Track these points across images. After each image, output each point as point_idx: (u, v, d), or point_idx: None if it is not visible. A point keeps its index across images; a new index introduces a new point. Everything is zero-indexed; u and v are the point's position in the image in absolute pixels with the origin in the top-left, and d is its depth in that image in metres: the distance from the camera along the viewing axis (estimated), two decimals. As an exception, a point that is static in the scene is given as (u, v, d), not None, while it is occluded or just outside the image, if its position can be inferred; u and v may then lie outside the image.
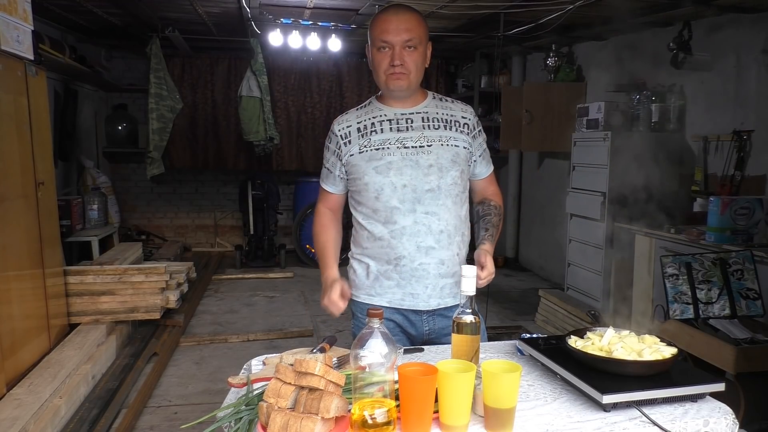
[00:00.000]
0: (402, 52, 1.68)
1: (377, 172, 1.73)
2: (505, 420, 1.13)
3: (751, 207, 3.15)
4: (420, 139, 1.74)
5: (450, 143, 1.76)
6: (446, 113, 1.80)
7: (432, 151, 1.73)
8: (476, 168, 1.86)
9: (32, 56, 3.25)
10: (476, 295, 1.34)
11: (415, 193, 1.71)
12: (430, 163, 1.72)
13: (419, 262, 1.72)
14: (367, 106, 1.83)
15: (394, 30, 1.68)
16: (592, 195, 4.30)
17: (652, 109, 4.16)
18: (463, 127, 1.79)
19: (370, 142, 1.75)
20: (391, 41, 1.68)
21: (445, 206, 1.74)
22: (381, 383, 1.12)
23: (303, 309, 5.05)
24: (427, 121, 1.77)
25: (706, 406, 1.28)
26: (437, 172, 1.72)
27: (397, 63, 1.68)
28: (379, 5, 4.36)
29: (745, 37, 3.67)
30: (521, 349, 1.59)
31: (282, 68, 6.82)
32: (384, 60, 1.70)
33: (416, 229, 1.72)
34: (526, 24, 4.55)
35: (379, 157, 1.74)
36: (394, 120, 1.77)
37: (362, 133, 1.78)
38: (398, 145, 1.73)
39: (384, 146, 1.74)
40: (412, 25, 1.69)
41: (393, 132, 1.75)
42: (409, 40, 1.68)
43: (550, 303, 4.65)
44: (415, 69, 1.71)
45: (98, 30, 5.68)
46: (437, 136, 1.75)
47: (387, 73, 1.70)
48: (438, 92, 1.94)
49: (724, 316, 2.72)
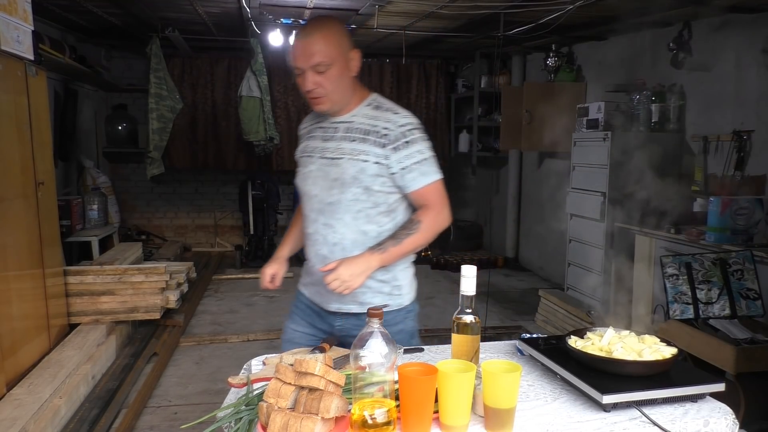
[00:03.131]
0: (314, 76, 1.65)
1: (301, 179, 1.81)
2: (505, 420, 1.13)
3: (751, 207, 3.14)
4: (335, 150, 1.72)
5: (359, 158, 1.68)
6: (370, 123, 1.72)
7: (340, 165, 1.70)
8: (400, 181, 1.71)
9: (32, 56, 3.25)
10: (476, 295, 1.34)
11: (321, 204, 1.74)
12: (335, 177, 1.70)
13: (318, 268, 1.73)
14: (312, 113, 1.86)
15: (300, 55, 1.65)
16: (592, 195, 4.30)
17: (652, 109, 4.16)
18: (381, 138, 1.69)
19: (304, 149, 1.82)
20: (301, 67, 1.66)
21: (342, 221, 1.71)
22: (381, 383, 1.12)
23: (303, 309, 5.04)
24: (349, 131, 1.73)
25: (706, 407, 1.28)
26: (339, 186, 1.69)
27: (308, 88, 1.67)
28: (379, 5, 4.36)
29: (745, 37, 3.67)
30: (521, 349, 1.59)
31: (282, 68, 6.82)
32: (301, 84, 1.69)
33: (315, 238, 1.77)
34: (526, 24, 4.55)
35: (304, 165, 1.80)
36: (324, 128, 1.78)
37: (305, 136, 1.85)
38: (319, 155, 1.75)
39: (310, 154, 1.79)
40: (319, 47, 1.64)
41: (320, 141, 1.77)
42: (318, 64, 1.64)
43: (550, 303, 4.65)
44: (334, 88, 1.68)
45: (98, 30, 5.68)
46: (350, 149, 1.70)
47: (307, 98, 1.71)
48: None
49: (724, 316, 2.72)
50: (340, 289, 1.60)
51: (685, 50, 3.98)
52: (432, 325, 4.60)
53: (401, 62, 6.83)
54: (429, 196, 1.73)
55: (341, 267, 1.60)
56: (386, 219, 1.74)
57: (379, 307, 1.17)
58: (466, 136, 7.03)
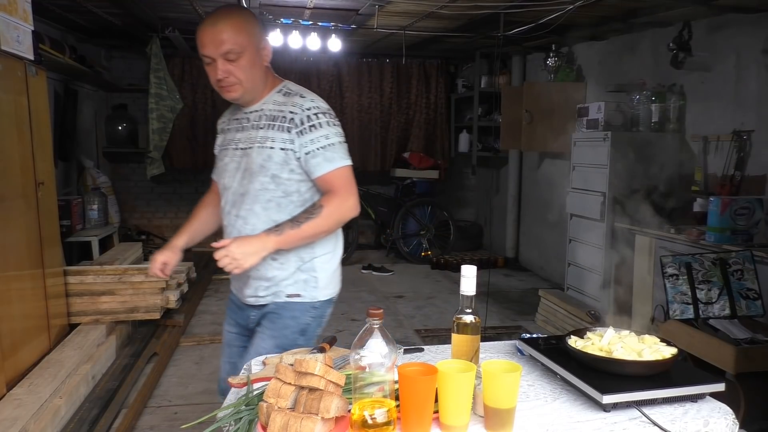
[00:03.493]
0: (224, 64, 1.63)
1: (217, 173, 1.81)
2: (505, 420, 1.13)
3: (751, 207, 3.14)
4: (246, 140, 1.72)
5: (266, 145, 1.68)
6: (277, 109, 1.71)
7: (249, 154, 1.69)
8: (305, 166, 1.69)
9: (32, 56, 3.25)
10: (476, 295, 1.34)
11: (234, 196, 1.74)
12: (245, 167, 1.70)
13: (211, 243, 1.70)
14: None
15: (210, 43, 1.62)
16: (592, 195, 4.30)
17: (652, 109, 4.16)
18: (289, 123, 1.67)
19: (222, 142, 1.83)
20: (211, 55, 1.63)
21: (252, 211, 1.71)
22: (381, 383, 1.12)
23: (303, 309, 5.04)
24: (258, 119, 1.72)
25: (706, 406, 1.28)
26: (248, 176, 1.70)
27: (220, 77, 1.64)
28: (379, 5, 4.36)
29: (745, 37, 3.67)
30: (521, 349, 1.59)
31: (282, 68, 6.81)
32: (211, 73, 1.66)
33: (230, 230, 1.76)
34: (526, 24, 4.55)
35: (221, 158, 1.80)
36: (238, 120, 1.78)
37: (223, 130, 1.86)
38: (234, 146, 1.75)
39: (226, 147, 1.79)
40: (228, 35, 1.61)
41: (235, 132, 1.77)
42: (228, 52, 1.61)
43: (550, 303, 4.65)
44: (246, 76, 1.66)
45: (98, 30, 5.68)
46: (259, 137, 1.69)
47: (218, 86, 1.68)
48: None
49: (724, 316, 2.72)
50: (229, 267, 1.57)
51: (685, 50, 3.98)
52: (432, 325, 4.60)
53: (401, 62, 6.83)
54: (334, 181, 1.68)
55: (233, 244, 1.58)
56: (300, 209, 1.71)
57: (379, 307, 1.17)
58: (466, 136, 7.03)
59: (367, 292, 5.56)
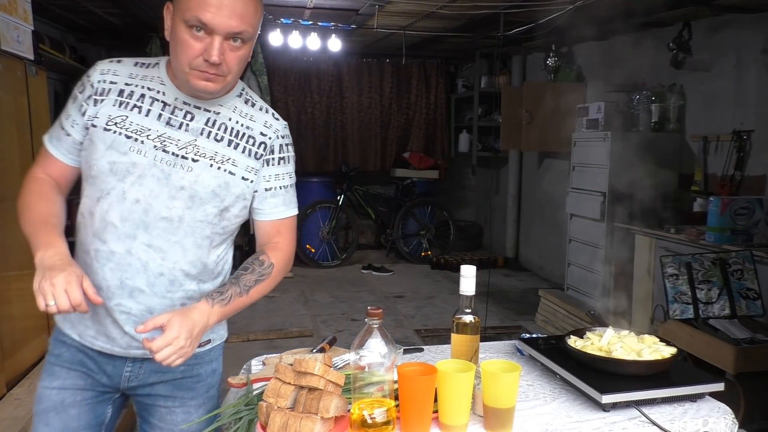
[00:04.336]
0: (225, 46, 1.19)
1: (112, 169, 1.24)
2: (504, 420, 1.13)
3: (751, 207, 3.14)
4: (188, 147, 1.27)
5: (225, 167, 1.29)
6: (244, 122, 1.33)
7: (194, 169, 1.26)
8: (259, 204, 1.36)
9: (32, 56, 3.25)
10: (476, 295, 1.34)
11: (146, 216, 1.25)
12: (183, 185, 1.25)
13: (117, 302, 1.26)
14: (150, 67, 1.32)
15: (224, 10, 1.16)
16: (592, 195, 4.30)
17: (652, 109, 4.16)
18: (257, 147, 1.33)
19: (124, 123, 1.25)
20: (215, 26, 1.16)
21: (180, 245, 1.27)
22: (380, 383, 1.12)
23: (303, 309, 5.05)
24: (213, 125, 1.29)
25: (706, 406, 1.28)
26: (187, 199, 1.26)
27: (216, 61, 1.18)
28: (379, 5, 4.36)
29: (745, 37, 3.67)
30: (521, 349, 1.59)
31: (282, 68, 6.82)
32: (194, 47, 1.18)
33: (127, 261, 1.25)
34: (526, 24, 4.55)
35: (124, 149, 1.24)
36: (170, 106, 1.28)
37: (122, 99, 1.27)
38: (157, 143, 1.25)
39: (138, 136, 1.25)
40: (250, 10, 1.20)
41: (159, 122, 1.26)
42: (240, 33, 1.19)
43: (550, 303, 4.65)
44: (237, 71, 1.26)
45: (98, 30, 5.68)
46: (213, 152, 1.28)
47: (195, 68, 1.20)
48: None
49: (724, 316, 2.72)
50: (171, 360, 1.12)
51: (685, 50, 3.98)
52: (432, 325, 4.61)
53: (401, 62, 6.83)
54: (285, 231, 1.40)
55: (176, 326, 1.13)
56: (224, 249, 1.39)
57: (379, 307, 1.17)
58: (466, 136, 7.03)
59: (367, 292, 5.56)
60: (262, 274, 1.33)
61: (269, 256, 1.36)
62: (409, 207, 6.78)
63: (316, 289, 5.62)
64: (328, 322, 4.67)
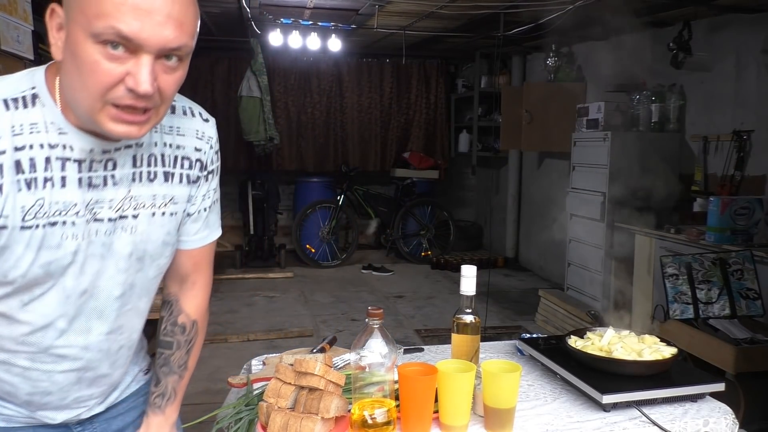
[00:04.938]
0: (158, 68, 0.83)
1: (47, 272, 0.92)
2: (505, 420, 1.13)
3: (751, 207, 3.15)
4: (123, 203, 0.97)
5: (168, 210, 1.02)
6: (173, 141, 1.02)
7: (137, 228, 0.99)
8: (187, 226, 1.09)
9: (32, 56, 3.25)
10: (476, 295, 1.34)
11: (97, 302, 0.99)
12: (129, 251, 0.99)
13: (76, 396, 1.05)
14: (30, 105, 0.88)
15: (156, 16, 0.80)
16: (592, 195, 4.30)
17: (652, 109, 4.17)
18: (193, 169, 1.05)
19: (42, 208, 0.89)
20: (143, 40, 0.79)
21: (135, 311, 1.07)
22: (381, 383, 1.12)
23: (303, 309, 5.05)
24: (141, 163, 0.98)
25: (706, 406, 1.28)
26: (136, 263, 1.01)
27: (148, 91, 0.81)
28: (379, 5, 4.36)
29: (745, 37, 3.67)
30: (521, 349, 1.59)
31: (282, 68, 6.82)
32: (110, 72, 0.80)
33: (85, 357, 1.02)
34: (526, 24, 4.55)
35: (57, 242, 0.91)
36: (85, 163, 0.91)
37: (26, 177, 0.87)
38: (87, 215, 0.93)
39: (65, 218, 0.91)
40: (190, 15, 0.86)
41: (81, 189, 0.92)
42: (179, 48, 0.84)
43: (550, 303, 4.65)
44: (171, 98, 0.90)
45: (98, 30, 5.68)
46: (150, 197, 1.00)
47: (111, 102, 0.82)
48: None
49: (724, 316, 2.72)
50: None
51: (685, 50, 3.98)
52: (432, 325, 4.60)
53: (401, 62, 6.83)
54: (204, 263, 1.16)
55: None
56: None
57: (379, 307, 1.17)
58: (466, 136, 7.04)
59: (367, 292, 5.56)
60: (189, 343, 1.14)
61: (187, 314, 1.14)
62: (409, 207, 6.78)
63: (316, 289, 5.62)
64: (328, 322, 4.67)
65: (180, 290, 1.15)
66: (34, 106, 0.88)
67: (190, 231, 1.10)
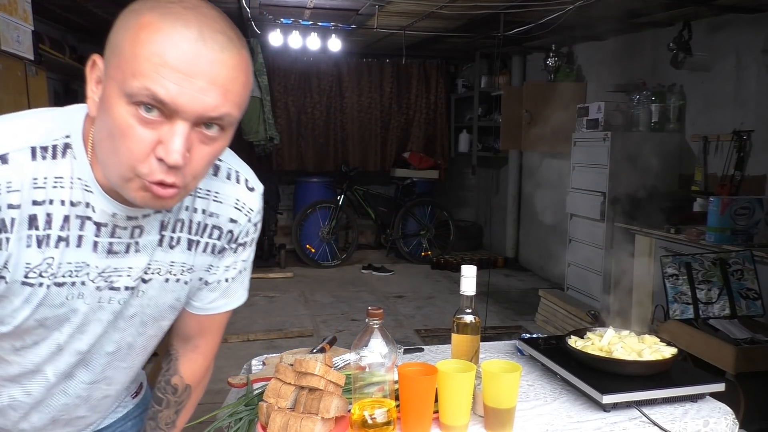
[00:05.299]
0: (193, 137, 0.76)
1: (43, 324, 0.89)
2: (505, 420, 1.13)
3: (751, 207, 3.14)
4: (141, 269, 0.92)
5: (183, 277, 0.96)
6: (208, 207, 0.95)
7: (147, 291, 0.94)
8: (203, 293, 1.03)
9: (32, 56, 3.25)
10: (476, 295, 1.34)
11: (87, 355, 0.96)
12: (134, 312, 0.95)
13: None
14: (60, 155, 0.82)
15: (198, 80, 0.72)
16: (592, 195, 4.30)
17: (652, 109, 4.17)
18: (221, 239, 0.98)
19: (51, 268, 0.84)
20: (180, 105, 0.72)
21: (129, 368, 1.05)
22: (381, 383, 1.12)
23: (303, 309, 5.05)
24: (167, 228, 0.92)
25: (706, 406, 1.28)
26: (139, 325, 0.98)
27: (178, 163, 0.74)
28: (379, 5, 4.36)
29: (745, 37, 3.67)
30: (521, 349, 1.59)
31: (282, 68, 6.82)
32: (142, 139, 0.74)
33: (62, 402, 1.00)
34: (526, 24, 4.55)
35: (59, 301, 0.87)
36: (106, 227, 0.86)
37: (38, 234, 0.82)
38: (100, 282, 0.89)
39: (75, 279, 0.87)
40: (239, 82, 0.77)
41: (98, 253, 0.87)
42: (221, 117, 0.76)
43: (550, 303, 4.65)
44: (204, 172, 0.82)
45: (98, 30, 5.67)
46: (167, 263, 0.94)
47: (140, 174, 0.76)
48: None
49: (724, 316, 2.72)
50: None
51: (685, 50, 3.98)
52: (432, 325, 4.60)
53: (401, 62, 6.83)
54: (212, 331, 1.10)
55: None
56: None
57: (379, 307, 1.17)
58: (466, 136, 7.03)
59: (367, 292, 5.56)
60: (179, 403, 1.10)
61: (182, 377, 1.09)
62: (409, 207, 6.78)
63: (316, 289, 5.62)
64: (328, 322, 4.67)
65: (181, 348, 1.11)
66: (64, 157, 0.82)
67: (205, 299, 1.03)
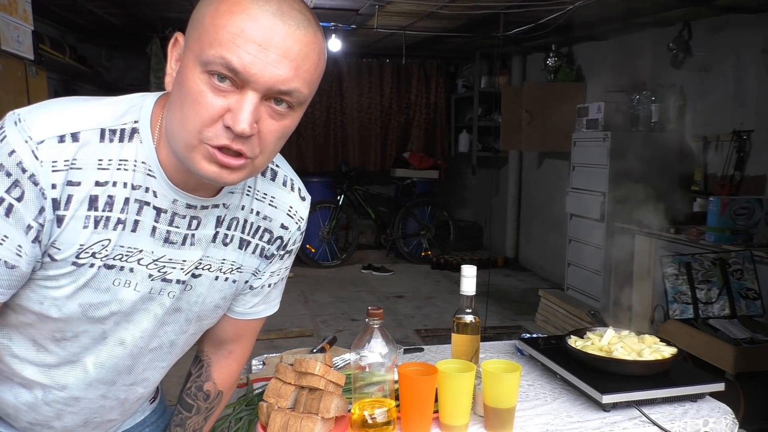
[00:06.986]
0: (262, 110, 0.75)
1: (85, 313, 0.85)
2: (505, 420, 1.13)
3: (750, 207, 3.15)
4: (195, 265, 0.91)
5: (232, 276, 0.96)
6: (263, 210, 0.96)
7: (195, 287, 0.93)
8: (246, 298, 1.04)
9: (32, 56, 3.25)
10: (476, 295, 1.34)
11: (130, 357, 0.94)
12: (179, 307, 0.94)
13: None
14: (127, 139, 0.82)
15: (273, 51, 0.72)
16: (592, 195, 4.31)
17: (652, 109, 4.17)
18: (271, 244, 0.99)
19: (104, 249, 0.82)
20: (252, 74, 0.72)
21: (162, 370, 1.05)
22: (381, 383, 1.12)
23: (303, 309, 5.05)
24: (222, 225, 0.92)
25: (706, 406, 1.28)
26: (183, 323, 0.96)
27: (246, 131, 0.73)
28: (379, 5, 4.36)
29: (745, 37, 3.67)
30: (521, 349, 1.59)
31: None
32: (212, 106, 0.74)
33: (99, 404, 0.97)
34: (526, 24, 4.55)
35: (106, 285, 0.85)
36: (166, 214, 0.85)
37: (97, 215, 0.80)
38: (153, 271, 0.87)
39: (126, 263, 0.85)
40: (311, 60, 0.76)
41: (154, 240, 0.85)
42: (290, 91, 0.75)
43: (550, 303, 4.65)
44: (272, 150, 0.81)
45: (98, 30, 5.68)
46: (219, 261, 0.93)
47: (207, 141, 0.75)
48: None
49: (724, 316, 2.72)
50: None
51: (685, 50, 3.98)
52: (432, 325, 4.60)
53: (401, 62, 6.83)
54: (248, 336, 1.11)
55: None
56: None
57: (379, 307, 1.17)
58: (466, 136, 7.03)
59: (367, 292, 5.56)
60: (209, 409, 1.10)
61: (215, 383, 1.09)
62: (409, 207, 6.78)
63: (316, 289, 5.62)
64: (328, 322, 4.67)
65: (214, 355, 1.11)
66: (130, 141, 0.82)
67: (247, 303, 1.04)
